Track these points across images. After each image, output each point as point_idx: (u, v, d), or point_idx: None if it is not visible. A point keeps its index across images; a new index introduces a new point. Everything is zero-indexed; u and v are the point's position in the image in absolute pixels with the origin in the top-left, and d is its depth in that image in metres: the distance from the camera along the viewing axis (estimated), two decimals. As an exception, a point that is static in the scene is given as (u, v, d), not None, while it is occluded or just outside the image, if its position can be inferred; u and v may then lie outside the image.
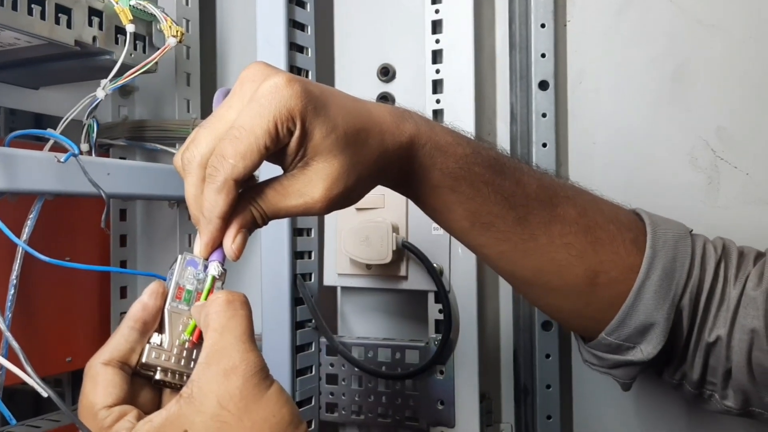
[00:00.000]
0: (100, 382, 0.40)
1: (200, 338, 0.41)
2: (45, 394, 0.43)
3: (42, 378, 0.45)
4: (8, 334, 0.42)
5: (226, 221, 0.42)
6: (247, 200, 0.44)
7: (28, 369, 0.39)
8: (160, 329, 0.42)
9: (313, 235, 0.80)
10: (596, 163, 0.77)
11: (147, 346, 0.41)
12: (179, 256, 0.43)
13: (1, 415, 0.54)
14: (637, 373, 0.58)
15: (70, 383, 0.86)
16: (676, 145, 0.74)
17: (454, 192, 0.51)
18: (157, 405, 0.42)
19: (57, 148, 0.60)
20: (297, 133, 0.42)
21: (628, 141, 0.76)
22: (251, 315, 0.41)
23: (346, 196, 0.45)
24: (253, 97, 0.42)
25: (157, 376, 0.41)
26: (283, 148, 0.43)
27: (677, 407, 0.74)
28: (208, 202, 0.41)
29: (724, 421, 0.70)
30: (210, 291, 0.43)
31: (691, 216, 0.61)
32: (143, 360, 0.41)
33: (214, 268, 0.43)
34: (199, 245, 0.43)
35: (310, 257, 0.79)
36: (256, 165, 0.42)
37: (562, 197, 0.55)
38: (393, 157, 0.48)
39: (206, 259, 0.43)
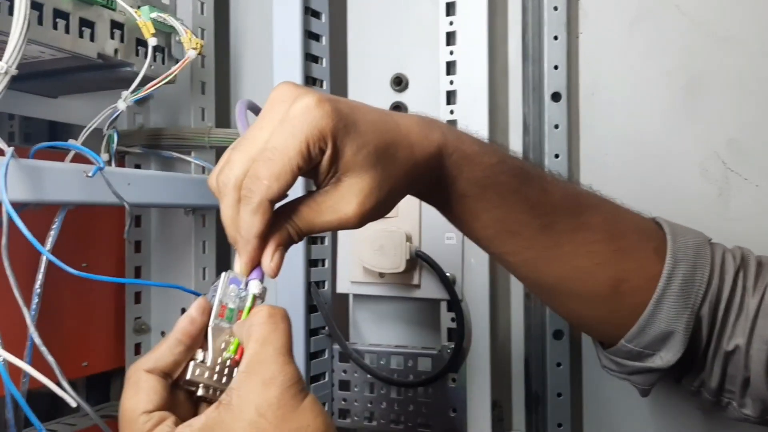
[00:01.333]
0: (143, 388, 0.41)
1: (242, 356, 0.42)
2: (74, 404, 0.44)
3: (57, 383, 0.46)
4: (43, 349, 0.43)
5: (263, 240, 0.43)
6: (282, 218, 0.44)
7: (64, 383, 0.40)
8: (203, 346, 0.43)
9: (326, 243, 0.81)
10: (608, 174, 0.77)
11: (192, 363, 0.42)
12: (223, 274, 0.44)
13: (24, 418, 0.56)
14: (656, 380, 0.59)
15: (85, 387, 0.87)
16: (688, 157, 0.75)
17: (481, 201, 0.52)
18: (193, 415, 0.43)
19: (78, 157, 0.61)
20: (329, 152, 0.43)
21: (639, 152, 0.76)
22: (291, 329, 0.42)
23: (378, 209, 0.46)
24: (285, 118, 0.42)
25: (200, 393, 0.42)
26: (315, 165, 0.44)
27: (690, 416, 0.74)
28: (245, 223, 0.42)
29: (741, 430, 0.71)
30: (251, 309, 0.44)
31: (702, 227, 0.61)
32: (188, 377, 0.42)
33: (254, 287, 0.44)
34: (239, 264, 0.44)
35: (323, 265, 0.80)
36: (290, 185, 0.42)
37: (586, 205, 0.56)
38: (422, 169, 0.49)
39: (246, 277, 0.44)
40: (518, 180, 0.53)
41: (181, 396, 0.43)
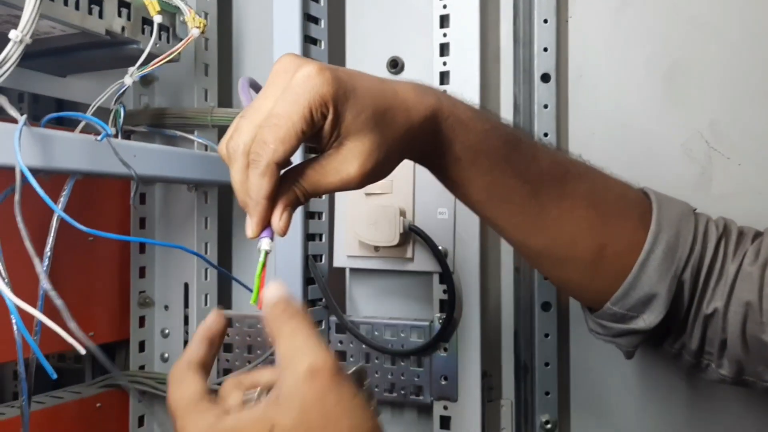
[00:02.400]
0: (186, 379, 0.44)
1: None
2: (83, 352, 0.47)
3: (63, 352, 0.49)
4: (53, 293, 0.45)
5: (271, 201, 0.46)
6: (289, 181, 0.47)
7: (73, 324, 0.42)
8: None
9: (324, 218, 0.84)
10: (595, 152, 0.78)
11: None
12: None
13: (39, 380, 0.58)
14: (639, 342, 0.61)
15: (91, 357, 0.90)
16: (672, 137, 0.77)
17: (474, 165, 0.55)
18: None
19: (85, 132, 0.64)
20: (330, 116, 0.46)
21: (625, 132, 0.79)
22: (307, 315, 0.43)
23: (378, 170, 0.49)
24: (288, 87, 0.45)
25: None
26: (318, 130, 0.47)
27: (672, 383, 0.77)
28: (253, 185, 0.45)
29: (721, 395, 0.73)
30: (264, 264, 0.46)
31: (685, 204, 0.64)
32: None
33: (266, 244, 0.46)
34: (250, 226, 0.46)
35: (321, 239, 0.83)
36: (295, 148, 0.45)
37: (573, 173, 0.59)
38: (418, 132, 0.51)
39: (257, 237, 0.47)
40: (509, 146, 0.56)
41: None
